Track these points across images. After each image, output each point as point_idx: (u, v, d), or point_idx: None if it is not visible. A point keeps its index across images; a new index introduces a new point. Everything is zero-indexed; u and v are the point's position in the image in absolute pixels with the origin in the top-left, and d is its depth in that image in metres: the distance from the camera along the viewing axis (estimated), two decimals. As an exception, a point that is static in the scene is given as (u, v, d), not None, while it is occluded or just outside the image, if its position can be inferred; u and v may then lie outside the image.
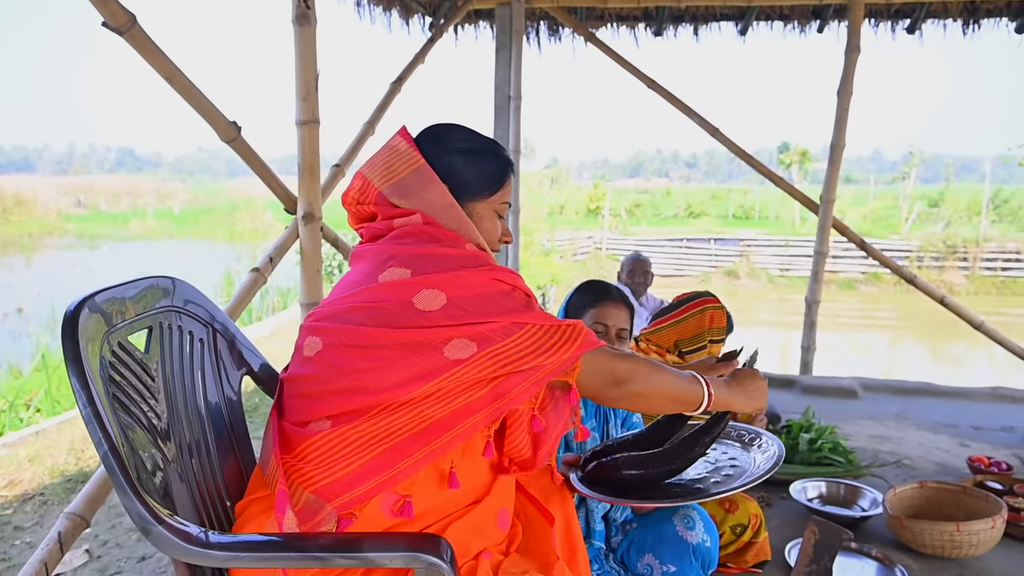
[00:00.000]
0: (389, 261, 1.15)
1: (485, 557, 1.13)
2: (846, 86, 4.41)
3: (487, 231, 1.29)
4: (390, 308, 1.10)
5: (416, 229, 1.20)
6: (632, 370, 1.20)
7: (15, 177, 43.97)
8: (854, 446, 3.49)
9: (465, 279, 1.12)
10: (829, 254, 4.74)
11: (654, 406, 1.27)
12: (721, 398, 1.30)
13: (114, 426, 1.01)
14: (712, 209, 28.29)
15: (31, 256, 21.01)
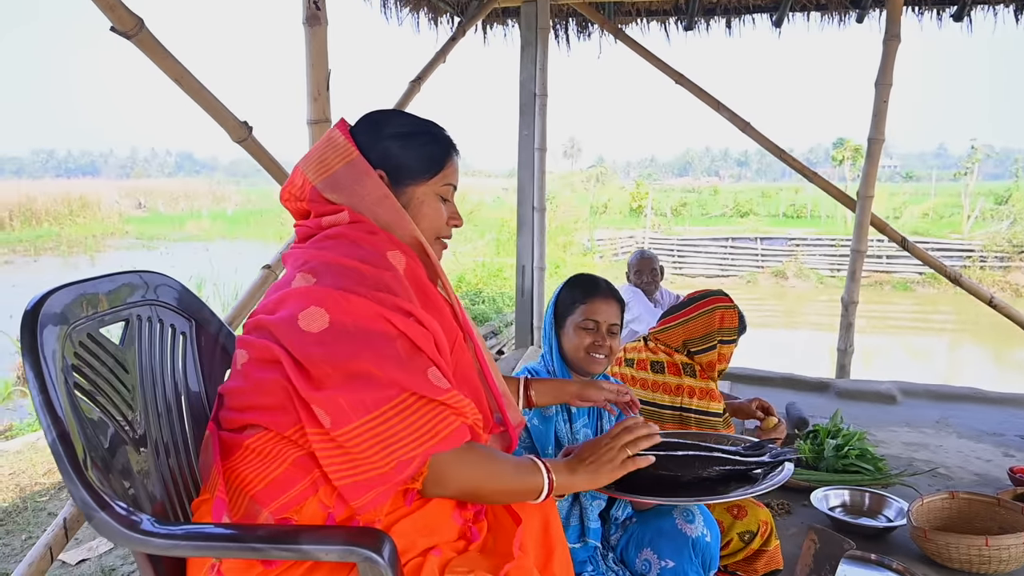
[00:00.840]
0: (303, 266, 1.15)
1: (434, 554, 1.11)
2: (884, 76, 4.23)
3: (429, 216, 1.26)
4: (283, 322, 1.09)
5: (339, 232, 1.18)
6: (459, 473, 1.14)
7: (81, 181, 46.03)
8: (886, 453, 3.35)
9: (353, 305, 1.08)
10: (867, 252, 4.56)
11: (486, 502, 1.28)
12: (563, 484, 1.26)
13: (68, 414, 1.02)
14: (761, 208, 27.65)
15: (94, 256, 21.89)
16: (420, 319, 1.13)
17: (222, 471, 1.12)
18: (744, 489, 1.51)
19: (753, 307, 15.75)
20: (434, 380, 1.10)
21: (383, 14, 4.70)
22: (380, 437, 1.05)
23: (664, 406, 2.36)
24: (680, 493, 1.50)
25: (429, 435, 1.07)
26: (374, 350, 1.06)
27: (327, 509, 1.09)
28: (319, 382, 1.06)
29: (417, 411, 1.07)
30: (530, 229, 5.03)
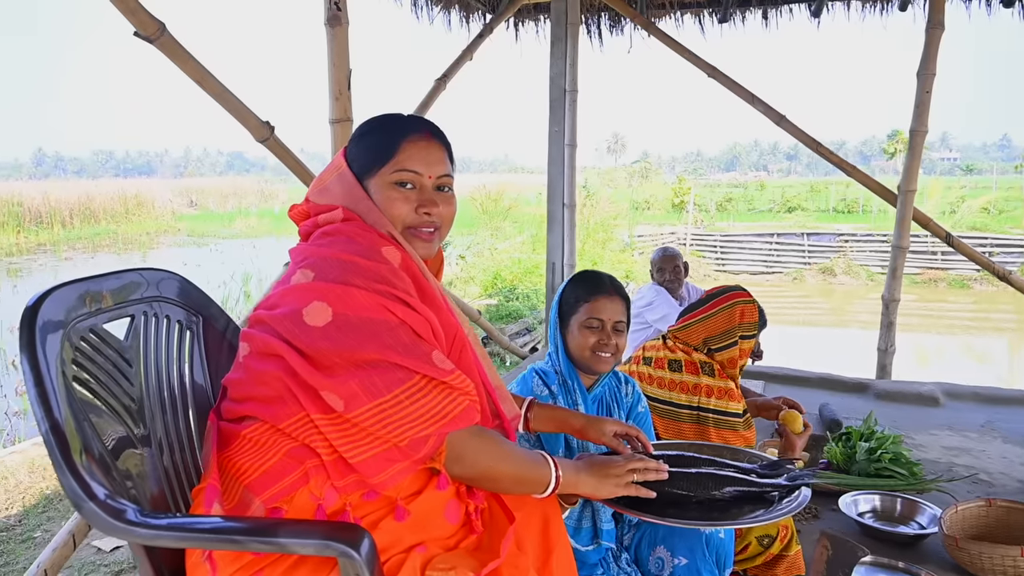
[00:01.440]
0: (303, 262, 1.18)
1: (418, 551, 1.11)
2: (927, 66, 4.07)
3: (387, 207, 1.24)
4: (285, 317, 1.12)
5: (335, 228, 1.21)
6: (477, 451, 1.18)
7: (137, 180, 47.71)
8: (924, 458, 3.23)
9: (354, 297, 1.11)
10: (910, 248, 4.40)
11: (497, 488, 1.28)
12: (568, 482, 1.30)
13: (64, 406, 1.06)
14: (810, 203, 26.96)
15: (147, 253, 22.66)
16: (417, 308, 1.15)
17: (219, 460, 1.16)
18: (757, 515, 1.47)
19: (799, 305, 15.38)
20: (439, 363, 1.13)
21: (413, 12, 4.73)
22: (393, 418, 1.08)
23: (681, 405, 2.32)
24: (692, 512, 1.47)
25: (440, 415, 1.11)
26: (379, 339, 1.10)
27: (317, 500, 1.11)
28: (329, 371, 1.09)
29: (428, 393, 1.11)
30: (560, 226, 5.01)
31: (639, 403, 2.06)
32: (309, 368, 1.08)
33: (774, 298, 15.78)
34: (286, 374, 1.10)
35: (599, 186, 24.00)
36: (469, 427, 1.15)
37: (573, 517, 1.85)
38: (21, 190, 27.87)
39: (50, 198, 26.46)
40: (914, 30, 4.45)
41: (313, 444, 1.10)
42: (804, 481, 1.52)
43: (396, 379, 1.08)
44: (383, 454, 1.08)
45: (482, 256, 12.68)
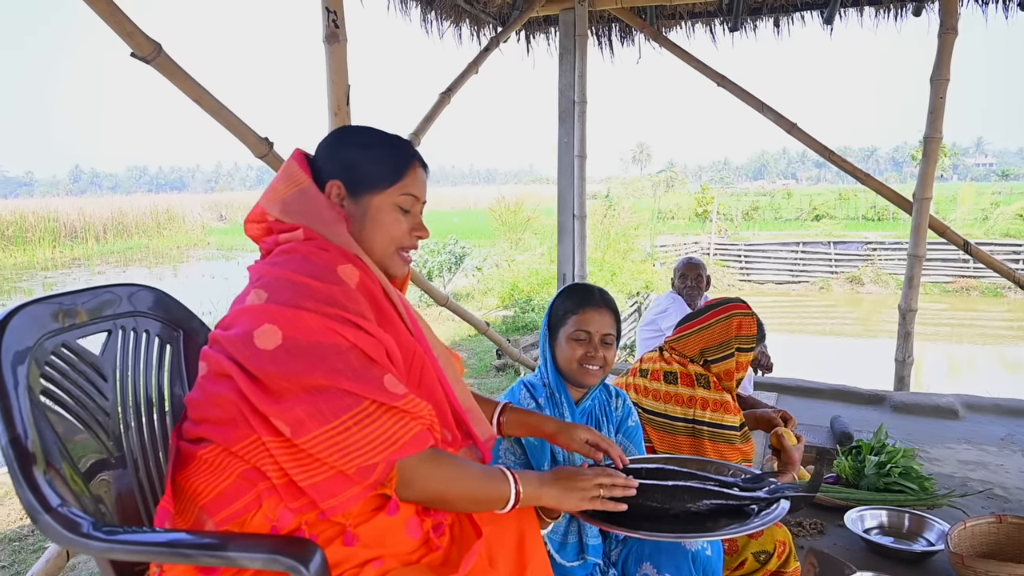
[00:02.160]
0: (257, 282, 1.17)
1: (373, 566, 1.11)
2: (940, 71, 3.99)
3: (386, 226, 1.25)
4: (237, 339, 1.11)
5: (292, 247, 1.20)
6: (427, 475, 1.15)
7: (169, 195, 48.82)
8: (938, 472, 3.15)
9: (304, 321, 1.09)
10: (925, 257, 4.30)
11: (454, 508, 1.25)
12: (530, 496, 1.27)
13: (28, 420, 1.08)
14: (839, 211, 26.55)
15: (177, 267, 23.14)
16: (370, 331, 1.14)
17: (177, 480, 1.16)
18: (732, 527, 1.44)
19: (825, 315, 15.12)
20: (390, 387, 1.12)
21: (423, 27, 4.77)
22: (341, 445, 1.07)
23: (676, 418, 2.29)
24: (666, 525, 1.43)
25: (389, 441, 1.09)
26: (327, 363, 1.08)
27: (272, 522, 1.10)
28: (277, 395, 1.08)
29: (377, 419, 1.09)
30: (571, 236, 5.00)
31: (629, 417, 2.04)
32: (258, 392, 1.08)
33: (799, 308, 15.55)
34: (238, 396, 1.10)
35: (622, 196, 23.93)
36: (420, 451, 1.13)
37: (559, 532, 1.83)
38: (58, 206, 28.68)
39: (85, 213, 27.19)
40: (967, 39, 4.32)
41: (264, 467, 1.09)
42: (782, 494, 1.49)
43: (344, 405, 1.07)
44: (333, 479, 1.07)
45: (500, 268, 12.69)
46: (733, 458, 2.25)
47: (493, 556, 1.32)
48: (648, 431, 2.30)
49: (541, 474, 1.33)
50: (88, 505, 1.16)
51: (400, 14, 4.49)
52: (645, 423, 2.30)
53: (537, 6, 4.74)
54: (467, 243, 12.70)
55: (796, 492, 1.51)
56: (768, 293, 16.99)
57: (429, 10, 4.71)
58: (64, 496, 1.06)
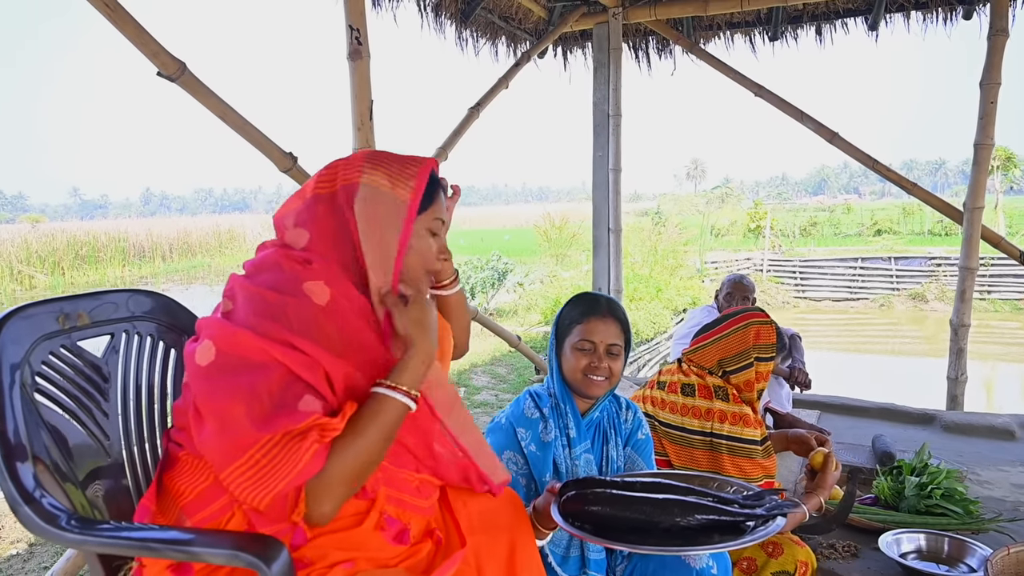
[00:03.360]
0: (228, 290, 1.19)
1: (344, 567, 1.11)
2: (991, 75, 3.82)
3: (420, 251, 1.26)
4: (190, 354, 1.13)
5: (270, 253, 1.22)
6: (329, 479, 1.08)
7: (231, 216, 50.69)
8: (988, 496, 2.96)
9: (238, 338, 1.09)
10: (978, 270, 4.09)
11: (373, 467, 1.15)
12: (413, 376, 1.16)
13: (19, 416, 1.12)
14: (902, 226, 25.59)
15: (237, 284, 23.88)
16: (305, 350, 1.10)
17: (163, 480, 1.20)
18: (722, 542, 1.38)
19: (885, 333, 14.52)
20: (303, 407, 1.08)
21: (458, 45, 4.84)
22: (252, 479, 1.05)
23: (693, 431, 2.22)
24: (653, 539, 1.38)
25: (290, 469, 1.05)
26: (249, 385, 1.07)
27: (248, 527, 1.12)
28: (202, 417, 1.10)
29: (283, 447, 1.05)
30: (606, 251, 4.96)
31: (639, 430, 1.99)
32: (195, 419, 1.10)
33: (857, 326, 14.98)
34: None
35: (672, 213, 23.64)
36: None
37: (561, 546, 1.79)
38: (128, 227, 30.10)
39: (153, 234, 28.45)
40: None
41: None
42: (780, 511, 1.42)
43: (252, 440, 1.04)
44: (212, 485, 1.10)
45: (544, 284, 12.66)
46: (754, 473, 2.17)
47: (481, 566, 1.30)
48: (665, 445, 2.25)
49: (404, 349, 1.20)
50: (80, 502, 1.20)
51: (435, 32, 4.57)
52: (662, 437, 2.25)
53: (571, 21, 4.76)
54: (510, 260, 12.73)
55: (793, 510, 1.45)
56: (824, 311, 16.44)
57: (464, 28, 4.78)
58: (51, 491, 1.10)
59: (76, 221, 51.91)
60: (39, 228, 27.92)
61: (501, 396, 6.60)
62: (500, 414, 1.92)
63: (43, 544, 3.54)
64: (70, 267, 23.31)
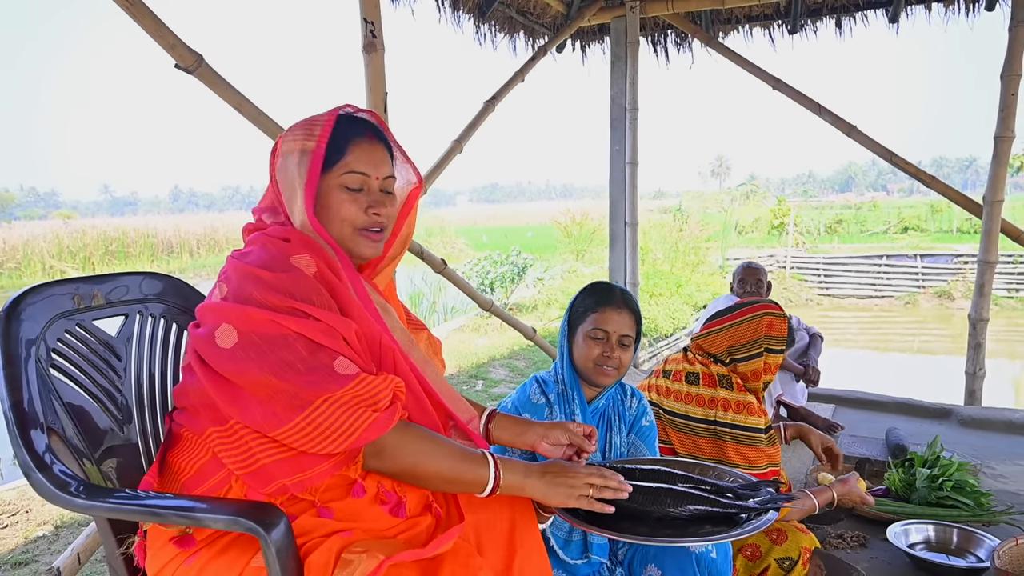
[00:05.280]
0: (222, 274, 1.23)
1: (341, 535, 1.15)
2: (1012, 67, 3.76)
3: (334, 208, 1.26)
4: (202, 338, 1.17)
5: (254, 238, 1.26)
6: (397, 446, 1.17)
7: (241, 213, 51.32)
8: (1002, 489, 2.94)
9: (252, 316, 1.14)
10: (997, 263, 4.03)
11: (425, 485, 1.25)
12: (512, 484, 1.25)
13: (34, 389, 1.18)
14: (930, 223, 25.07)
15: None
16: (318, 316, 1.16)
17: (166, 458, 1.25)
18: (713, 533, 1.40)
19: (911, 330, 14.28)
20: (340, 369, 1.14)
21: (476, 39, 4.88)
22: (299, 443, 1.12)
23: (697, 419, 2.24)
24: (646, 528, 1.40)
25: (345, 435, 1.12)
26: (279, 357, 1.12)
27: (241, 497, 1.18)
28: (237, 395, 1.14)
29: (328, 416, 1.11)
30: (622, 244, 4.97)
31: (643, 416, 2.00)
32: (222, 391, 1.14)
33: (882, 323, 14.75)
34: (201, 389, 1.18)
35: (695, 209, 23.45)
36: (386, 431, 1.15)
37: (564, 529, 1.82)
38: (156, 223, 30.58)
39: (181, 230, 28.88)
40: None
41: (222, 456, 1.16)
42: (773, 504, 1.43)
43: (295, 405, 1.10)
44: (261, 471, 1.13)
45: (564, 279, 12.65)
46: (758, 461, 2.18)
47: (481, 542, 1.32)
48: (669, 432, 2.26)
49: (529, 464, 1.30)
50: (94, 475, 1.26)
51: (452, 25, 4.61)
52: (666, 425, 2.27)
53: (588, 15, 4.77)
54: (531, 256, 12.74)
55: (787, 502, 1.46)
56: (848, 308, 16.20)
57: (482, 21, 4.81)
58: (63, 460, 1.16)
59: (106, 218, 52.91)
60: (70, 224, 28.52)
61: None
62: (506, 399, 1.95)
63: (68, 526, 3.65)
64: (100, 262, 23.77)
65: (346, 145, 1.27)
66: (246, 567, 1.11)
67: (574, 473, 1.30)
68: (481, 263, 12.01)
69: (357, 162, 1.27)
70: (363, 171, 1.28)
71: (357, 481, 1.21)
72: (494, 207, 78.14)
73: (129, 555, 1.22)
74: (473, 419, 1.46)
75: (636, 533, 1.36)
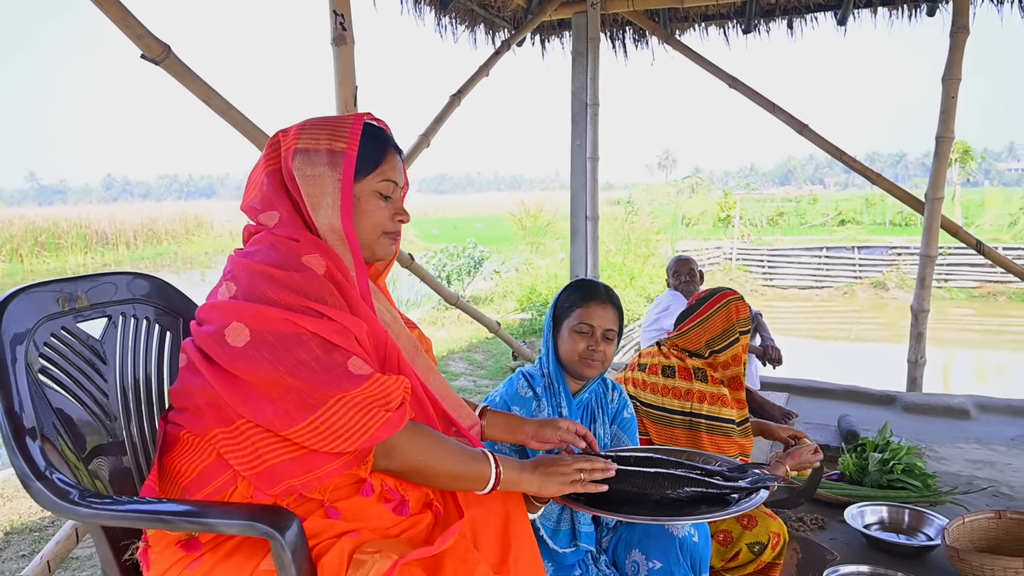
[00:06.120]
0: (228, 273, 1.22)
1: (351, 536, 1.15)
2: (952, 71, 3.97)
3: (368, 213, 1.30)
4: (210, 336, 1.16)
5: (261, 237, 1.25)
6: (407, 445, 1.20)
7: (199, 202, 49.70)
8: (945, 471, 3.12)
9: (266, 315, 1.13)
10: (937, 258, 4.26)
11: (432, 483, 1.29)
12: (511, 480, 1.31)
13: (25, 395, 1.15)
14: (865, 216, 26.16)
15: (205, 272, 23.49)
16: (332, 316, 1.17)
17: (163, 462, 1.22)
18: (711, 512, 1.48)
19: (849, 320, 14.90)
20: (354, 369, 1.15)
21: (437, 31, 4.84)
22: (311, 442, 1.12)
23: (674, 411, 2.31)
24: (645, 510, 1.47)
25: (359, 433, 1.13)
26: (292, 356, 1.12)
27: (248, 499, 1.16)
28: (248, 394, 1.13)
29: (343, 415, 1.13)
30: (583, 238, 5.03)
31: (624, 409, 2.07)
32: (232, 390, 1.13)
33: (823, 313, 15.35)
34: (207, 389, 1.16)
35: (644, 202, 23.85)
36: (397, 431, 1.17)
37: (552, 519, 1.86)
38: (90, 213, 29.31)
39: (116, 220, 27.74)
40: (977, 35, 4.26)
41: (228, 457, 1.15)
42: (763, 484, 1.51)
43: (310, 405, 1.11)
44: (267, 471, 1.13)
45: (520, 272, 12.73)
46: (730, 451, 2.27)
47: (477, 537, 1.35)
48: (646, 424, 2.33)
49: (522, 462, 1.36)
50: (85, 481, 1.23)
51: (414, 17, 4.57)
52: (643, 416, 2.33)
53: (550, 10, 4.79)
54: (487, 248, 12.77)
55: (776, 482, 1.54)
56: (791, 298, 16.81)
57: (443, 14, 4.79)
58: (59, 468, 1.13)
59: (33, 207, 50.45)
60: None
61: (479, 382, 6.67)
62: (493, 393, 1.98)
63: (19, 532, 3.52)
64: (29, 254, 22.67)
65: (381, 154, 1.30)
66: (255, 570, 1.11)
67: (563, 462, 1.38)
68: (437, 255, 11.96)
69: (392, 171, 1.32)
70: (395, 180, 1.33)
71: (366, 480, 1.22)
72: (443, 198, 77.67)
73: (131, 561, 1.20)
74: (475, 426, 1.48)
75: (638, 515, 1.45)
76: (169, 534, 1.15)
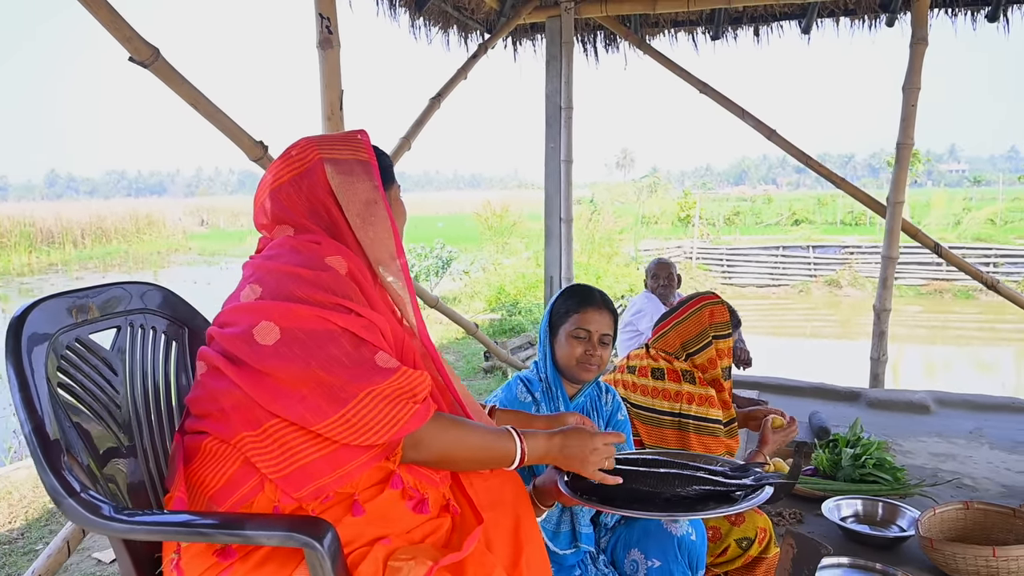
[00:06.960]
0: (251, 276, 1.24)
1: (383, 543, 1.17)
2: (912, 80, 4.14)
3: (403, 215, 1.44)
4: (236, 337, 1.17)
5: (282, 241, 1.27)
6: (433, 435, 1.24)
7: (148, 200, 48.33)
8: (910, 464, 3.27)
9: (296, 312, 1.16)
10: (898, 259, 4.44)
11: (460, 468, 1.34)
12: (536, 454, 1.37)
13: (48, 410, 1.13)
14: (818, 216, 26.94)
15: (158, 272, 22.86)
16: (360, 312, 1.21)
17: (185, 474, 1.22)
18: (719, 508, 1.54)
19: (805, 317, 15.35)
20: (382, 363, 1.19)
21: (411, 33, 4.84)
22: (343, 435, 1.14)
23: (663, 412, 2.37)
24: (656, 508, 1.53)
25: (389, 425, 1.17)
26: (324, 352, 1.15)
27: (274, 503, 1.17)
28: (279, 392, 1.14)
29: (373, 408, 1.16)
30: (558, 240, 5.09)
31: (618, 411, 2.12)
32: (261, 389, 1.14)
33: (780, 310, 15.77)
34: (233, 392, 1.16)
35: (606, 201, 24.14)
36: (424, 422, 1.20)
37: (552, 521, 1.90)
38: (33, 211, 28.26)
39: (62, 218, 26.80)
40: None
41: (255, 461, 1.15)
42: (768, 481, 1.57)
43: (341, 399, 1.13)
44: (298, 471, 1.14)
45: (487, 272, 12.76)
46: (717, 451, 2.34)
47: (490, 540, 1.38)
48: (636, 425, 2.39)
49: (550, 433, 1.41)
50: (103, 492, 1.21)
51: (389, 19, 4.56)
52: (633, 417, 2.39)
53: (524, 13, 4.83)
54: (453, 248, 12.79)
55: (779, 480, 1.60)
56: (749, 296, 17.22)
57: (417, 15, 4.78)
58: (84, 482, 1.12)
59: (-28, 204, 48.35)
60: (-68, 211, 25.87)
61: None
62: (490, 398, 2.01)
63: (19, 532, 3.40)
64: (-31, 253, 21.77)
65: (391, 166, 1.38)
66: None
67: (592, 448, 1.43)
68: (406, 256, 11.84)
69: (398, 186, 1.42)
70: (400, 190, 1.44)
71: (395, 472, 1.24)
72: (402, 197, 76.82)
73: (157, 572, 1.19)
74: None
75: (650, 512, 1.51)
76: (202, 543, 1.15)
